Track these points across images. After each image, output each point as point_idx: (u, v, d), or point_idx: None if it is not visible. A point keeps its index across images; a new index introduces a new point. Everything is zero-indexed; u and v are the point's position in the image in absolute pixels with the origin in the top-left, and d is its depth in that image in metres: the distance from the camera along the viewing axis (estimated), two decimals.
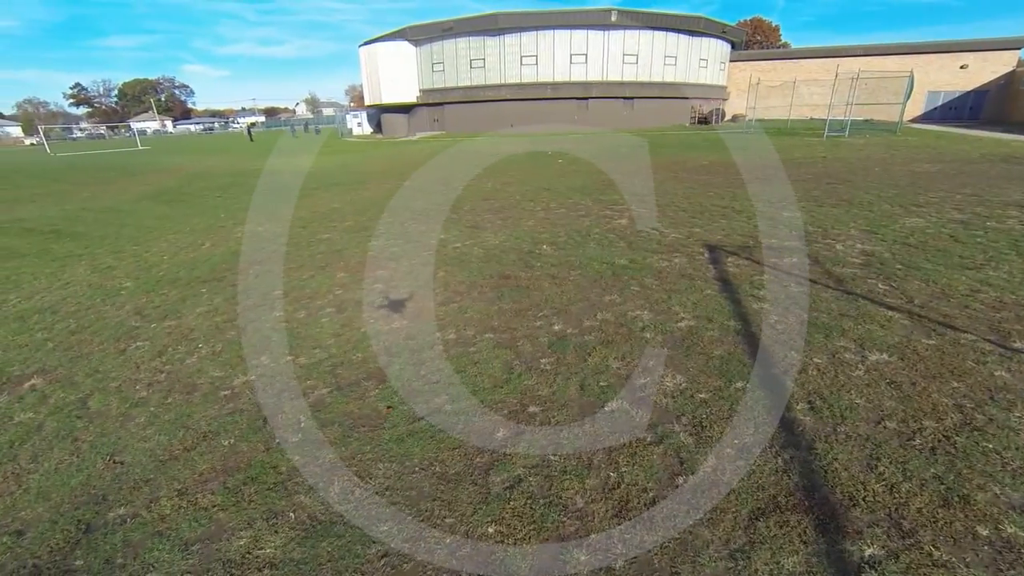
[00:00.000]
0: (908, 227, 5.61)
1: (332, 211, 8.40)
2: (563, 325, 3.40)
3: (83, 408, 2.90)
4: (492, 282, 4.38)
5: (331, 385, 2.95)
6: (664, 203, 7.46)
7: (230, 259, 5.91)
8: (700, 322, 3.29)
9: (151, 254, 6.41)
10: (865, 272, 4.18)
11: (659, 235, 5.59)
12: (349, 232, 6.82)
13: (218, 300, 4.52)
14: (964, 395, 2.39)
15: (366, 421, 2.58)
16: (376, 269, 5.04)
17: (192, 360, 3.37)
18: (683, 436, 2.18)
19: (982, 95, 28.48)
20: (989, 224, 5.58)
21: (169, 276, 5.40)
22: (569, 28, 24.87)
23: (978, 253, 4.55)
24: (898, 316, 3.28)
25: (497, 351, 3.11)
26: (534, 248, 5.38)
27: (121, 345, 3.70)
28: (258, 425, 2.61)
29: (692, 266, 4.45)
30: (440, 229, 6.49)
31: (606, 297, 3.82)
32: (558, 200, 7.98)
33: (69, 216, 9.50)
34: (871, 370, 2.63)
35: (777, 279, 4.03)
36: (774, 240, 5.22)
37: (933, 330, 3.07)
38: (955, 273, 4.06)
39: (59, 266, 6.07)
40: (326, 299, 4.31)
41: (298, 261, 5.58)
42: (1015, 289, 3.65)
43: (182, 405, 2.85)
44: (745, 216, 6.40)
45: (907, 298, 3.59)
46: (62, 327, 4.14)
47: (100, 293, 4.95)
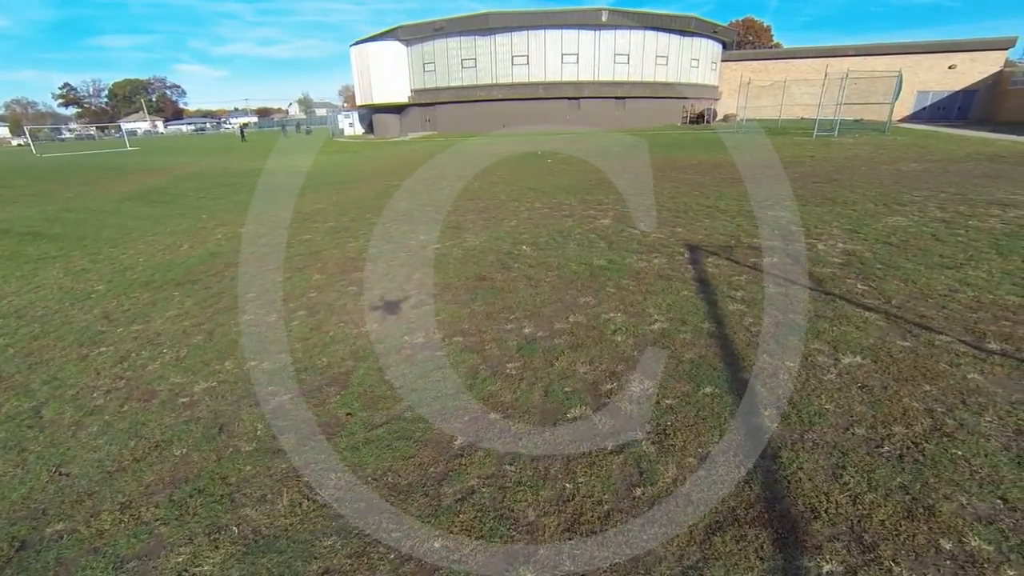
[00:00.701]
0: (890, 226, 5.58)
1: (316, 212, 8.28)
2: (534, 328, 3.33)
3: (36, 417, 2.80)
4: (467, 284, 4.30)
5: (293, 391, 2.86)
6: (649, 203, 7.41)
7: (207, 261, 5.79)
8: (673, 324, 3.23)
9: (128, 256, 6.28)
10: (845, 272, 4.14)
11: (641, 235, 5.54)
12: (330, 233, 6.72)
13: (189, 303, 4.41)
14: (936, 399, 2.34)
15: (324, 429, 2.49)
16: (352, 271, 4.95)
17: (154, 366, 3.27)
18: (645, 445, 2.12)
19: (971, 95, 28.71)
20: (971, 223, 5.56)
21: (143, 279, 5.28)
22: (560, 28, 24.83)
23: (959, 252, 4.52)
24: (875, 317, 3.23)
25: (464, 355, 3.04)
26: (514, 249, 5.30)
27: (84, 351, 3.59)
28: (213, 434, 2.52)
29: (671, 267, 4.39)
30: (422, 230, 6.40)
31: (581, 299, 3.75)
32: (543, 200, 7.91)
33: (49, 217, 9.32)
34: (843, 373, 2.58)
35: (755, 279, 3.98)
36: (756, 240, 5.17)
37: (909, 331, 3.03)
38: (935, 273, 4.03)
39: (31, 269, 5.93)
40: (299, 302, 4.22)
41: (275, 263, 5.48)
42: (993, 289, 3.62)
43: (138, 413, 2.75)
44: (729, 215, 6.36)
45: (885, 298, 3.55)
46: (26, 332, 4.02)
47: (70, 297, 4.82)
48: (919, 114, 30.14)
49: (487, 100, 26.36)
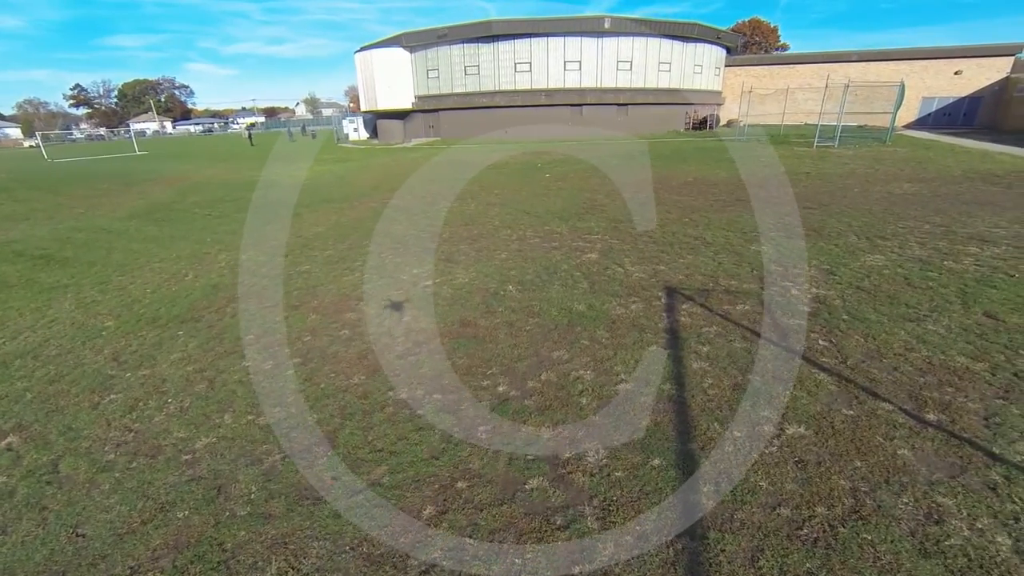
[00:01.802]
0: (867, 266, 5.76)
1: (315, 236, 8.57)
2: (508, 386, 3.58)
3: (54, 472, 3.10)
4: (452, 330, 4.56)
5: (284, 450, 3.14)
6: (637, 232, 7.62)
7: (210, 294, 6.09)
8: (637, 385, 3.47)
9: (135, 286, 6.60)
10: (811, 323, 4.34)
11: (624, 273, 5.76)
12: (328, 264, 7.00)
13: (192, 345, 4.71)
14: (863, 477, 2.57)
15: (310, 494, 2.76)
16: (346, 311, 5.22)
17: (160, 417, 3.56)
18: (590, 520, 2.36)
19: (976, 101, 28.46)
20: (946, 264, 5.72)
21: (149, 314, 5.59)
22: (563, 35, 24.92)
23: (925, 301, 4.71)
24: (828, 380, 3.45)
25: (440, 416, 3.29)
26: (500, 288, 5.55)
27: (95, 398, 3.90)
28: (212, 496, 2.80)
29: (647, 314, 4.62)
30: (415, 262, 6.66)
31: (555, 353, 4.00)
32: (535, 227, 8.14)
33: (60, 237, 9.69)
34: (784, 446, 2.81)
35: (724, 332, 4.20)
36: (733, 281, 5.38)
37: (856, 398, 3.24)
38: (896, 326, 4.22)
39: (45, 300, 6.26)
40: (294, 347, 4.49)
41: (273, 299, 5.77)
42: (947, 348, 3.81)
43: (145, 471, 3.04)
44: (713, 250, 6.56)
45: (843, 357, 3.76)
46: (42, 375, 4.33)
47: (82, 334, 5.14)
48: (924, 120, 29.92)
49: (490, 107, 26.55)
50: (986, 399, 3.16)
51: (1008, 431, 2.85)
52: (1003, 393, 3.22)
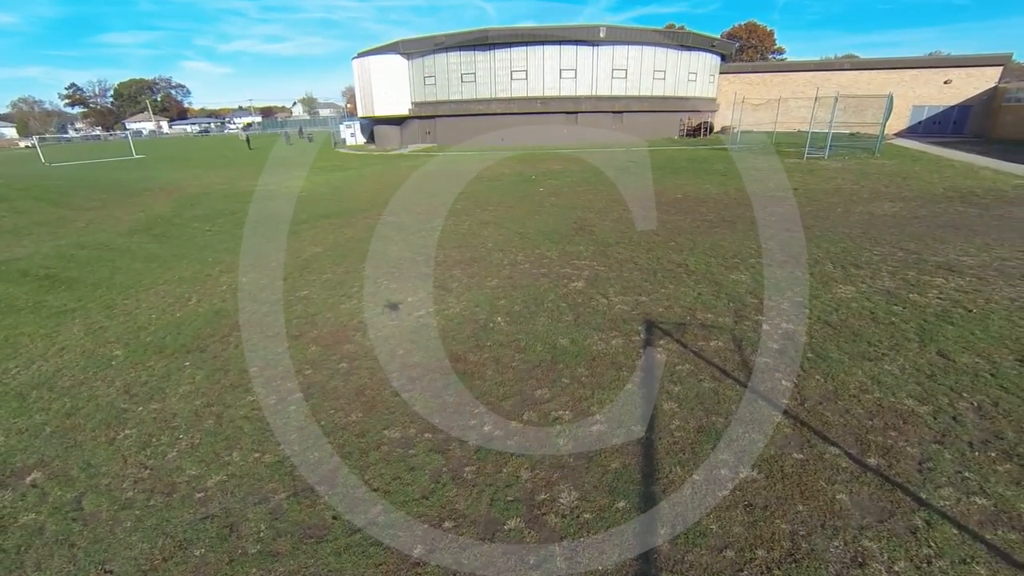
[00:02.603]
0: (838, 299, 6.10)
1: (313, 258, 8.84)
2: (492, 426, 3.90)
3: (78, 509, 3.39)
4: (443, 365, 4.87)
5: (289, 489, 3.44)
6: (624, 257, 7.93)
7: (213, 320, 6.37)
8: (610, 427, 3.79)
9: (141, 311, 6.86)
10: (777, 362, 4.67)
11: (607, 305, 6.08)
12: (326, 288, 7.28)
13: (200, 377, 4.99)
14: (802, 521, 2.89)
15: (313, 532, 3.07)
16: (345, 342, 5.52)
17: (173, 455, 3.86)
18: (559, 560, 2.68)
19: (966, 110, 28.92)
20: (911, 296, 6.07)
21: (156, 342, 5.87)
22: (559, 44, 25.19)
23: (886, 338, 5.05)
24: (785, 423, 3.78)
25: (431, 456, 3.61)
26: (490, 319, 5.86)
27: (111, 433, 4.19)
28: (225, 534, 3.10)
29: (625, 351, 4.94)
30: (409, 289, 6.96)
31: (538, 391, 4.31)
32: (526, 251, 8.45)
33: (63, 255, 9.92)
34: (737, 490, 3.13)
35: (696, 371, 4.52)
36: (709, 315, 5.71)
37: (807, 441, 3.57)
38: (855, 366, 4.55)
39: (54, 325, 6.52)
40: (296, 381, 4.79)
41: (274, 327, 6.05)
42: (898, 389, 4.15)
43: (162, 508, 3.34)
44: (694, 279, 6.88)
45: (801, 399, 4.09)
46: (58, 407, 4.61)
47: (93, 364, 5.41)
48: (915, 128, 30.37)
49: (486, 114, 26.81)
50: (924, 443, 3.50)
51: (937, 476, 3.19)
52: (940, 437, 3.56)
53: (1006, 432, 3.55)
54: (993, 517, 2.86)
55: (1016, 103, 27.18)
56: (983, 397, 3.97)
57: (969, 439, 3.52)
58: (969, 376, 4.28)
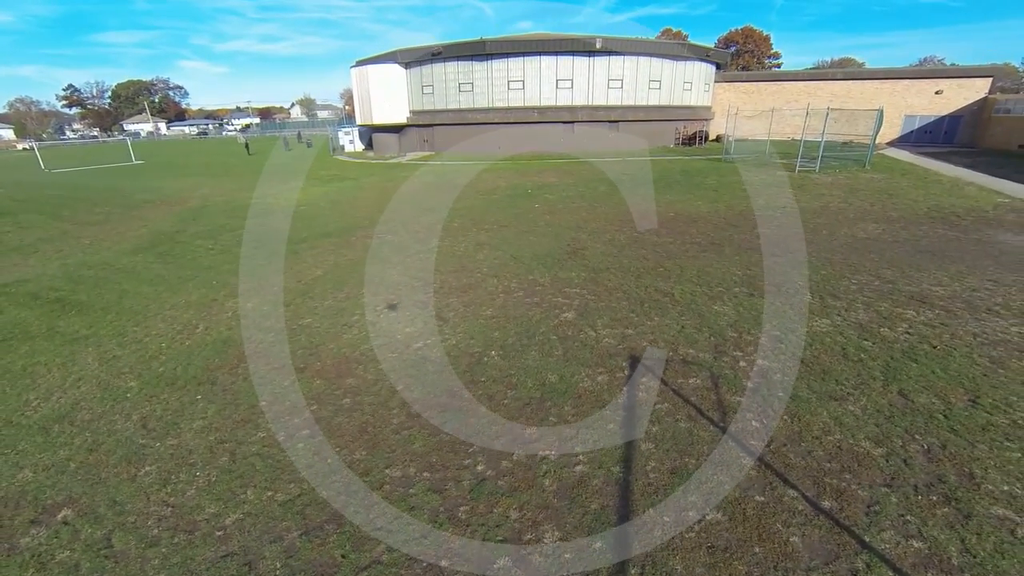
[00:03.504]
0: (813, 332, 6.46)
1: (314, 281, 9.16)
2: (485, 466, 4.25)
3: (108, 546, 3.71)
4: (440, 401, 5.21)
5: (301, 527, 3.78)
6: (613, 285, 8.28)
7: (221, 350, 6.69)
8: (592, 468, 4.14)
9: (151, 339, 7.17)
10: (750, 401, 5.03)
11: (595, 338, 6.44)
12: (328, 316, 7.61)
13: (212, 412, 5.32)
14: (757, 563, 3.25)
15: (325, 570, 3.41)
16: (347, 376, 5.86)
17: (192, 492, 4.19)
18: None
19: (956, 120, 29.40)
20: (882, 331, 6.44)
21: (168, 373, 6.19)
22: (555, 54, 25.50)
23: (852, 376, 5.41)
24: (750, 465, 4.14)
25: (429, 496, 3.95)
26: (485, 352, 6.20)
27: (132, 469, 4.51)
28: (245, 572, 3.44)
29: (609, 388, 5.30)
30: (407, 320, 7.29)
31: (527, 431, 4.67)
32: (520, 277, 8.79)
33: (71, 276, 10.20)
34: (702, 532, 3.49)
35: (673, 411, 4.88)
36: (691, 350, 6.07)
37: (769, 484, 3.93)
38: (821, 406, 4.91)
39: (68, 353, 6.83)
40: (302, 417, 5.12)
41: (279, 359, 6.38)
42: (857, 431, 4.51)
43: (186, 547, 3.67)
44: (679, 310, 7.24)
45: (768, 440, 4.45)
46: (80, 442, 4.93)
47: (110, 396, 5.73)
48: (907, 137, 30.85)
49: (483, 123, 27.11)
50: (874, 486, 3.87)
51: (882, 519, 3.55)
52: (889, 480, 3.93)
53: (949, 476, 3.92)
54: (926, 560, 3.23)
55: (1005, 114, 27.68)
56: (933, 439, 4.35)
57: (915, 482, 3.89)
58: (924, 417, 4.65)
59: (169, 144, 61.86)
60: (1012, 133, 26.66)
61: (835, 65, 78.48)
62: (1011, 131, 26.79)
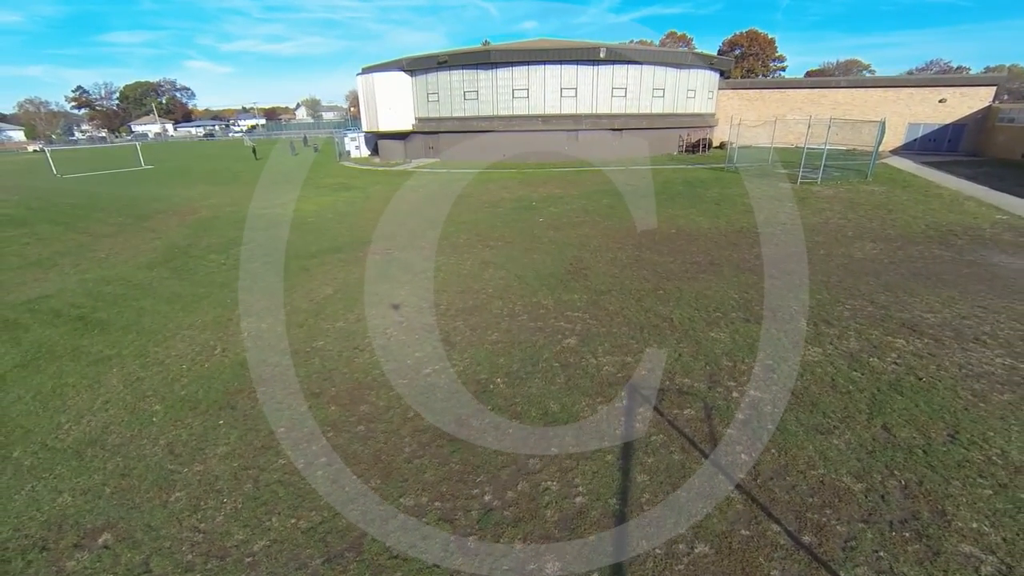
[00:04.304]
0: (805, 362, 6.73)
1: (326, 301, 9.50)
2: (492, 496, 4.57)
3: (147, 571, 4.05)
4: (449, 431, 5.53)
5: (323, 554, 4.10)
6: (614, 309, 8.57)
7: (239, 374, 7.03)
8: (590, 500, 4.45)
9: (171, 360, 7.53)
10: (740, 434, 5.32)
11: (595, 366, 6.74)
12: (340, 339, 7.94)
13: (234, 437, 5.65)
14: None
15: None
16: (361, 403, 6.18)
17: (221, 518, 4.52)
18: None
19: (960, 128, 29.44)
20: (871, 361, 6.70)
21: (190, 397, 6.53)
22: (559, 63, 25.74)
23: (839, 409, 5.68)
24: (738, 499, 4.43)
25: (440, 525, 4.27)
26: (491, 378, 6.52)
27: (163, 495, 4.85)
28: None
29: (608, 419, 5.60)
30: (416, 344, 7.61)
31: (531, 461, 4.98)
32: (524, 299, 9.09)
33: (90, 292, 10.58)
34: (690, 564, 3.79)
35: (668, 442, 5.18)
36: (686, 379, 6.36)
37: (755, 518, 4.22)
38: (808, 439, 5.19)
39: (94, 375, 7.18)
40: (319, 444, 5.45)
41: (295, 383, 6.72)
42: (840, 466, 4.79)
43: (219, 573, 4.00)
44: (677, 336, 7.52)
45: (755, 473, 4.74)
46: (112, 467, 5.27)
47: (136, 420, 6.08)
48: (911, 145, 30.91)
49: (488, 131, 27.41)
50: (852, 522, 4.16)
51: (857, 555, 3.84)
52: (867, 516, 4.21)
53: (922, 512, 4.21)
54: None
55: (1009, 123, 27.71)
56: (911, 475, 4.62)
57: (891, 518, 4.17)
58: (904, 453, 4.92)
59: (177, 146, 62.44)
60: (1016, 142, 26.72)
61: (840, 66, 78.24)
62: (1015, 140, 26.85)
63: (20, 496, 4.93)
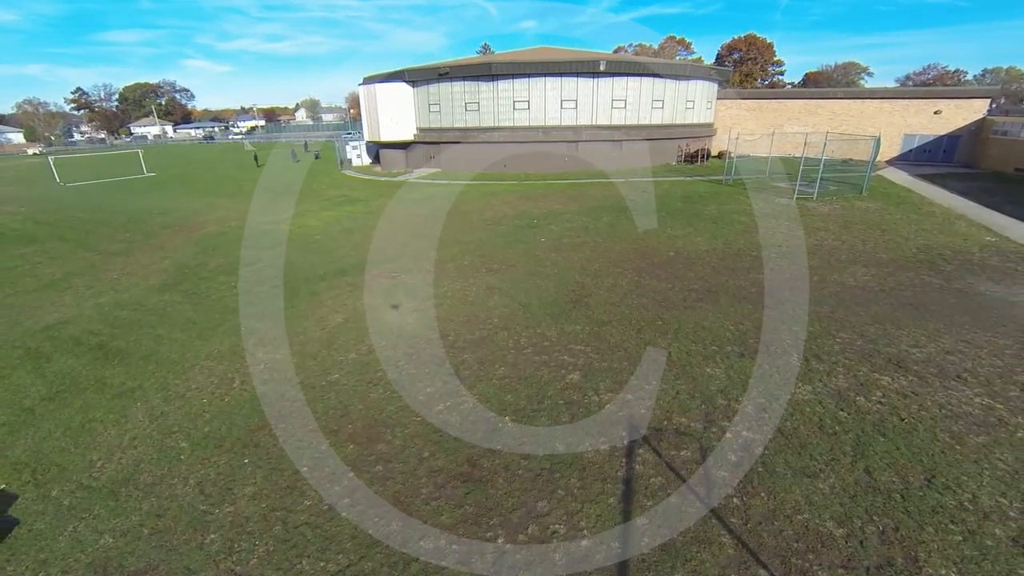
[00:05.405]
0: (795, 401, 7.11)
1: (337, 329, 9.84)
2: (504, 539, 4.95)
3: None
4: (463, 471, 5.91)
5: None
6: (615, 342, 8.94)
7: (259, 408, 7.38)
8: (595, 543, 4.84)
9: (192, 394, 7.87)
10: (732, 475, 5.71)
11: (597, 403, 7.12)
12: (354, 372, 8.29)
13: (260, 477, 6.01)
14: None
15: None
16: (378, 442, 6.55)
17: (254, 561, 4.89)
18: None
19: (955, 139, 29.87)
20: (858, 400, 7.09)
21: (214, 433, 6.88)
22: (560, 76, 26.04)
23: (826, 451, 6.06)
24: (729, 543, 4.82)
25: (458, 568, 4.65)
26: (499, 418, 6.89)
27: (199, 536, 5.21)
28: None
29: (610, 461, 5.99)
30: (427, 379, 7.97)
31: (539, 503, 5.36)
32: (529, 331, 9.45)
33: (106, 317, 10.88)
34: None
35: (665, 485, 5.57)
36: (683, 419, 6.74)
37: (743, 563, 4.62)
38: (795, 483, 5.59)
39: (120, 409, 7.51)
40: (341, 484, 5.82)
41: (312, 421, 7.07)
42: (824, 510, 5.19)
43: None
44: (675, 371, 7.90)
45: (746, 517, 5.13)
46: (147, 508, 5.63)
47: (165, 458, 6.43)
48: (906, 156, 31.34)
49: (489, 142, 27.70)
50: (832, 567, 4.55)
51: None
52: (846, 561, 4.61)
53: (897, 558, 4.61)
54: None
55: (1002, 136, 28.15)
56: (888, 521, 5.02)
57: (868, 564, 4.57)
58: (883, 497, 5.32)
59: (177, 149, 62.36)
60: (1009, 155, 27.16)
61: (838, 69, 78.63)
62: (1008, 153, 27.30)
63: (64, 537, 5.29)
